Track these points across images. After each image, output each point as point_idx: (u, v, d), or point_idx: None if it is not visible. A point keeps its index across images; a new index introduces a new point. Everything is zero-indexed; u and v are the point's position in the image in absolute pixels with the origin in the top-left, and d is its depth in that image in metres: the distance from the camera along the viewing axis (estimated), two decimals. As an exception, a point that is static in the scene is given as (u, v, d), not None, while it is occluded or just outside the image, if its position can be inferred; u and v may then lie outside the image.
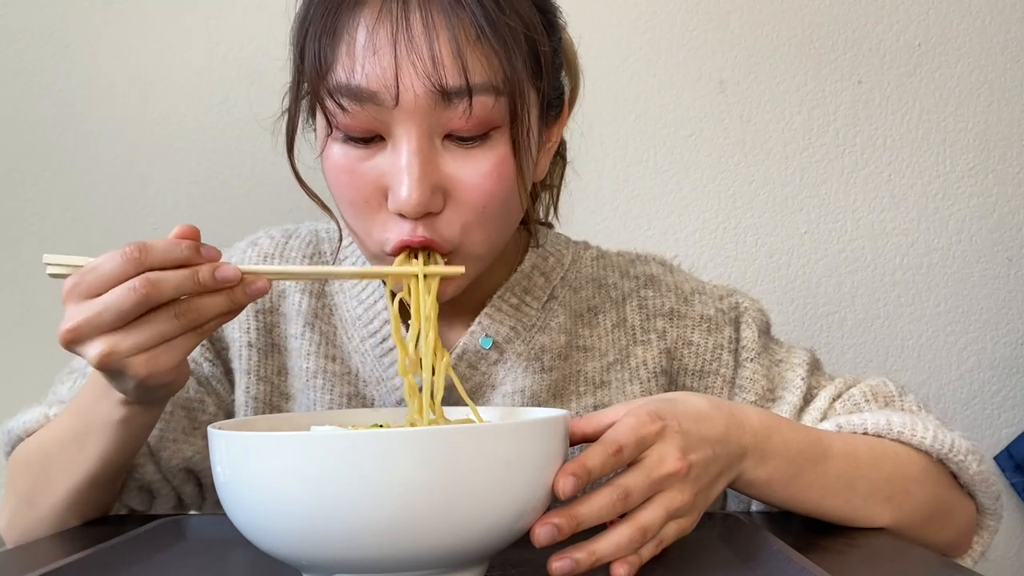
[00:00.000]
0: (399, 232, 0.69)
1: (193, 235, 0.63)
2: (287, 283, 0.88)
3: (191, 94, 1.37)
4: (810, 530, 0.73)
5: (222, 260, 0.64)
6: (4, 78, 1.36)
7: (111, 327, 0.61)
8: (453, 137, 0.69)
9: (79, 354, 0.63)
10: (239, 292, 0.64)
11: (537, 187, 0.88)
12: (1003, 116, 1.38)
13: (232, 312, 0.64)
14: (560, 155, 0.89)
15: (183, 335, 0.63)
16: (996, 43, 1.38)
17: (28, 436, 0.81)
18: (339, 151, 0.71)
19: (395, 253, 0.70)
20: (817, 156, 1.39)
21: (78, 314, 0.61)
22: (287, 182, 0.76)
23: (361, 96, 0.67)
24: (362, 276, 0.80)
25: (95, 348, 0.61)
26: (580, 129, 0.88)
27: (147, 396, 0.68)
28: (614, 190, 1.38)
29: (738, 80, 1.38)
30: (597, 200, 1.38)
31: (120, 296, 0.60)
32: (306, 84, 0.72)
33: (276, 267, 0.65)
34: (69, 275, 0.63)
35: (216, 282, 0.62)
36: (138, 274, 0.61)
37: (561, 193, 0.92)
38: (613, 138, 1.38)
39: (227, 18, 1.36)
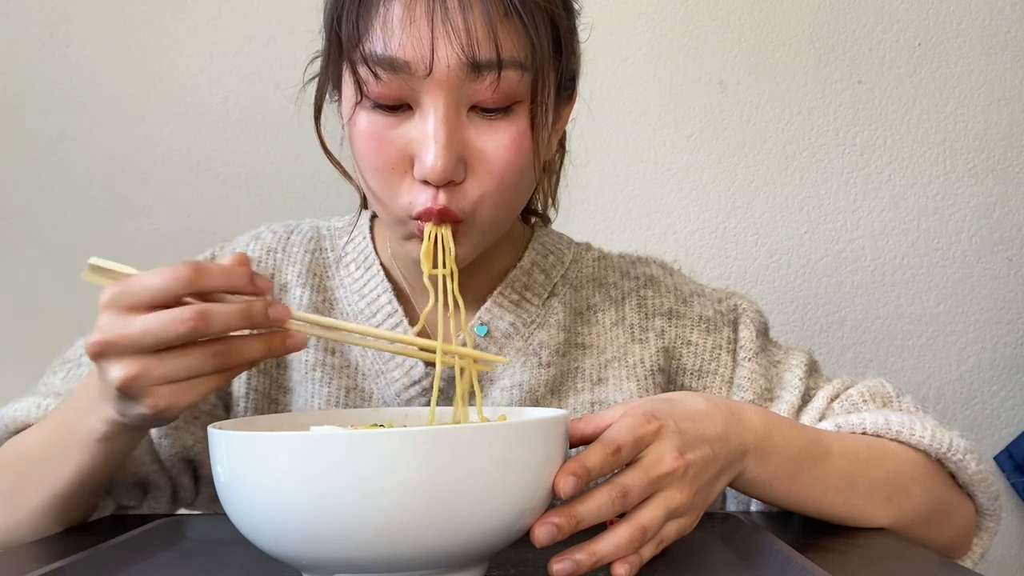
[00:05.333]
0: (423, 199, 0.71)
1: (246, 263, 0.62)
2: (288, 277, 0.88)
3: (191, 94, 1.37)
4: (810, 530, 0.73)
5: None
6: (4, 78, 1.36)
7: (147, 351, 0.59)
8: (477, 109, 0.72)
9: (103, 368, 0.61)
10: (278, 344, 0.63)
11: (546, 169, 0.90)
12: (1003, 116, 1.38)
13: (261, 360, 0.63)
14: (560, 144, 0.90)
15: (211, 375, 0.61)
16: (996, 43, 1.38)
17: (18, 427, 0.79)
18: (367, 119, 0.72)
19: (418, 218, 0.72)
20: (817, 156, 1.39)
21: (115, 327, 0.59)
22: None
23: (395, 65, 0.69)
24: (399, 352, 0.78)
25: (124, 368, 0.59)
26: (581, 129, 0.88)
27: (145, 424, 0.67)
28: (614, 190, 1.38)
29: (738, 80, 1.38)
30: (597, 200, 1.38)
31: (167, 324, 0.58)
32: (335, 54, 0.74)
33: (323, 318, 0.64)
34: (105, 283, 0.60)
35: (267, 320, 0.61)
36: (187, 293, 0.59)
37: (560, 188, 0.93)
38: (613, 138, 1.38)
39: (227, 18, 1.36)
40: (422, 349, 0.67)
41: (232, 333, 0.62)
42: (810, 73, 1.38)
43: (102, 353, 0.60)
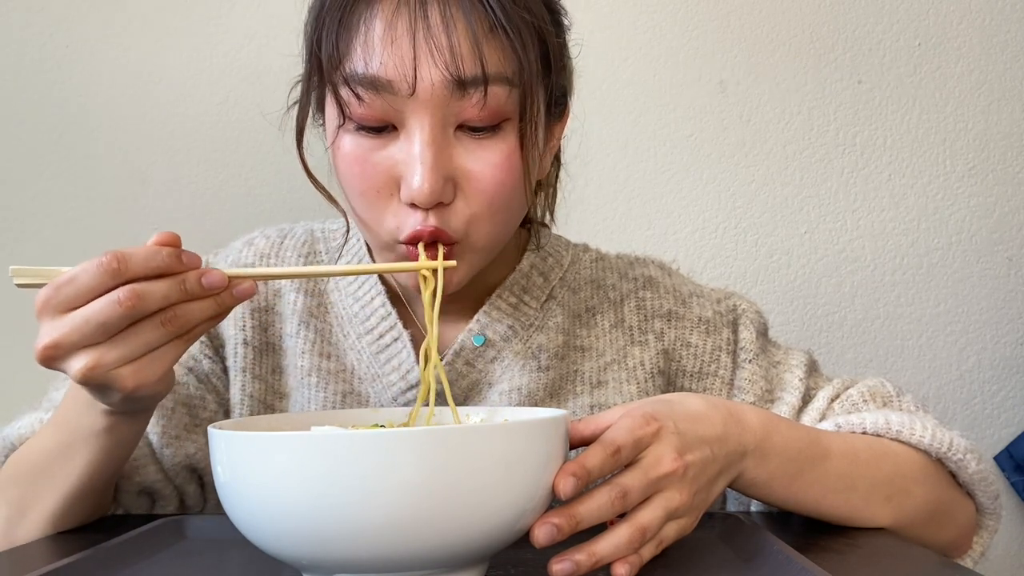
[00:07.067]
0: (412, 222, 0.70)
1: (173, 241, 0.61)
2: (282, 282, 0.88)
3: (191, 94, 1.37)
4: (810, 530, 0.73)
5: (208, 262, 0.63)
6: (4, 78, 1.36)
7: (94, 340, 0.59)
8: (465, 127, 0.70)
9: (60, 370, 0.61)
10: (226, 295, 0.62)
11: (542, 183, 0.89)
12: (1003, 116, 1.38)
13: (219, 316, 0.63)
14: (555, 157, 0.89)
15: (169, 343, 0.61)
16: (996, 43, 1.38)
17: (22, 443, 0.79)
18: (351, 142, 0.71)
19: (408, 242, 0.71)
20: (817, 156, 1.39)
21: (56, 329, 0.59)
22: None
23: (378, 85, 0.68)
24: (350, 273, 0.79)
25: (78, 363, 0.59)
26: (580, 129, 0.88)
27: (133, 406, 0.67)
28: (614, 190, 1.38)
29: (738, 80, 1.38)
30: (597, 200, 1.38)
31: (104, 309, 0.58)
32: (316, 76, 0.72)
33: (262, 269, 0.64)
34: (40, 285, 0.60)
35: (203, 289, 0.61)
36: (117, 285, 0.59)
37: (557, 195, 0.92)
38: (613, 138, 1.38)
39: (227, 18, 1.36)
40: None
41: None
42: (810, 73, 1.38)
43: (52, 357, 0.60)
